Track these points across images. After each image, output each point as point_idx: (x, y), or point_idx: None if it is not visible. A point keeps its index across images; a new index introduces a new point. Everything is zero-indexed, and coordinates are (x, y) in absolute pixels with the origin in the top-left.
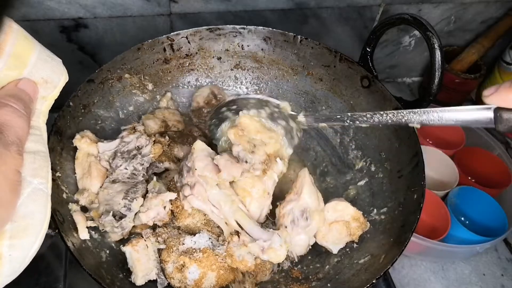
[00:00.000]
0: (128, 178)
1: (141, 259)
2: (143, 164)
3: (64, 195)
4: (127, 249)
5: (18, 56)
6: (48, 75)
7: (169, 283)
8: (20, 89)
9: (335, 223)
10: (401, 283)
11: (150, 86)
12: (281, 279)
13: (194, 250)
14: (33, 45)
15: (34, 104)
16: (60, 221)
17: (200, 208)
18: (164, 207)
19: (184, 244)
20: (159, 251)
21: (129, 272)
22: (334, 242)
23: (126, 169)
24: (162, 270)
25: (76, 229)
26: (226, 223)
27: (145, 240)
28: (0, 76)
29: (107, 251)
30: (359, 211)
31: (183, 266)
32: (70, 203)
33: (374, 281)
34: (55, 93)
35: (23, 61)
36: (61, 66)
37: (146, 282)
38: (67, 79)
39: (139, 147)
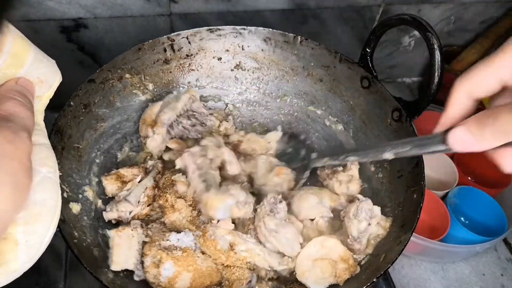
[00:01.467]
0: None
1: (122, 246)
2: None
3: (65, 194)
4: (111, 232)
5: (16, 56)
6: (43, 74)
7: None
8: (21, 86)
9: (320, 261)
10: (401, 283)
11: (150, 86)
12: (281, 278)
13: (175, 248)
14: (29, 46)
15: (33, 101)
16: (61, 220)
17: None
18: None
19: (168, 240)
20: (143, 243)
21: (129, 271)
22: (315, 282)
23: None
24: (142, 263)
25: (76, 228)
26: None
27: (131, 230)
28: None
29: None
30: (349, 252)
31: (159, 262)
32: (71, 202)
33: (374, 280)
34: (50, 93)
35: (21, 60)
36: (55, 67)
37: (123, 272)
38: (61, 80)
39: (203, 123)
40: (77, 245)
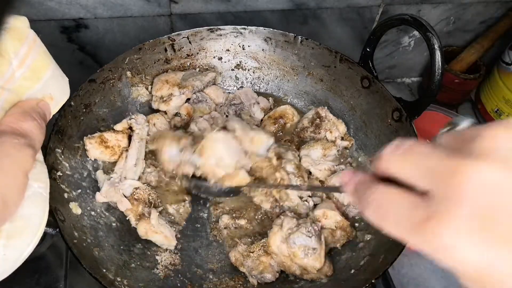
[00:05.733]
0: None
1: (164, 231)
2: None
3: (66, 195)
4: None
5: (35, 70)
6: (55, 93)
7: None
8: (41, 108)
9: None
10: (401, 283)
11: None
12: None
13: None
14: (50, 63)
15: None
16: (61, 220)
17: None
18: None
19: None
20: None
21: (129, 270)
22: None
23: None
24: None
25: (76, 228)
26: None
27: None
28: (16, 85)
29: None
30: (346, 221)
31: None
32: (71, 203)
33: (373, 281)
34: (55, 110)
35: (38, 75)
36: (67, 86)
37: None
38: (68, 98)
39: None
40: (77, 245)
